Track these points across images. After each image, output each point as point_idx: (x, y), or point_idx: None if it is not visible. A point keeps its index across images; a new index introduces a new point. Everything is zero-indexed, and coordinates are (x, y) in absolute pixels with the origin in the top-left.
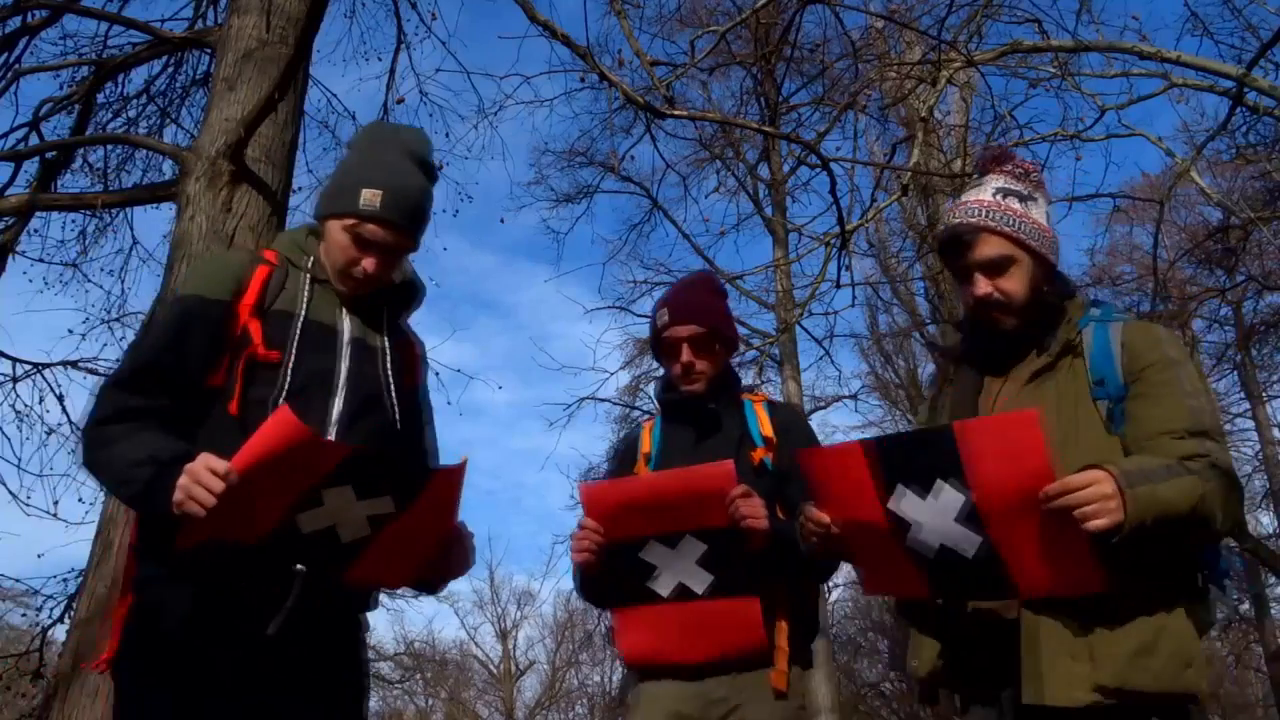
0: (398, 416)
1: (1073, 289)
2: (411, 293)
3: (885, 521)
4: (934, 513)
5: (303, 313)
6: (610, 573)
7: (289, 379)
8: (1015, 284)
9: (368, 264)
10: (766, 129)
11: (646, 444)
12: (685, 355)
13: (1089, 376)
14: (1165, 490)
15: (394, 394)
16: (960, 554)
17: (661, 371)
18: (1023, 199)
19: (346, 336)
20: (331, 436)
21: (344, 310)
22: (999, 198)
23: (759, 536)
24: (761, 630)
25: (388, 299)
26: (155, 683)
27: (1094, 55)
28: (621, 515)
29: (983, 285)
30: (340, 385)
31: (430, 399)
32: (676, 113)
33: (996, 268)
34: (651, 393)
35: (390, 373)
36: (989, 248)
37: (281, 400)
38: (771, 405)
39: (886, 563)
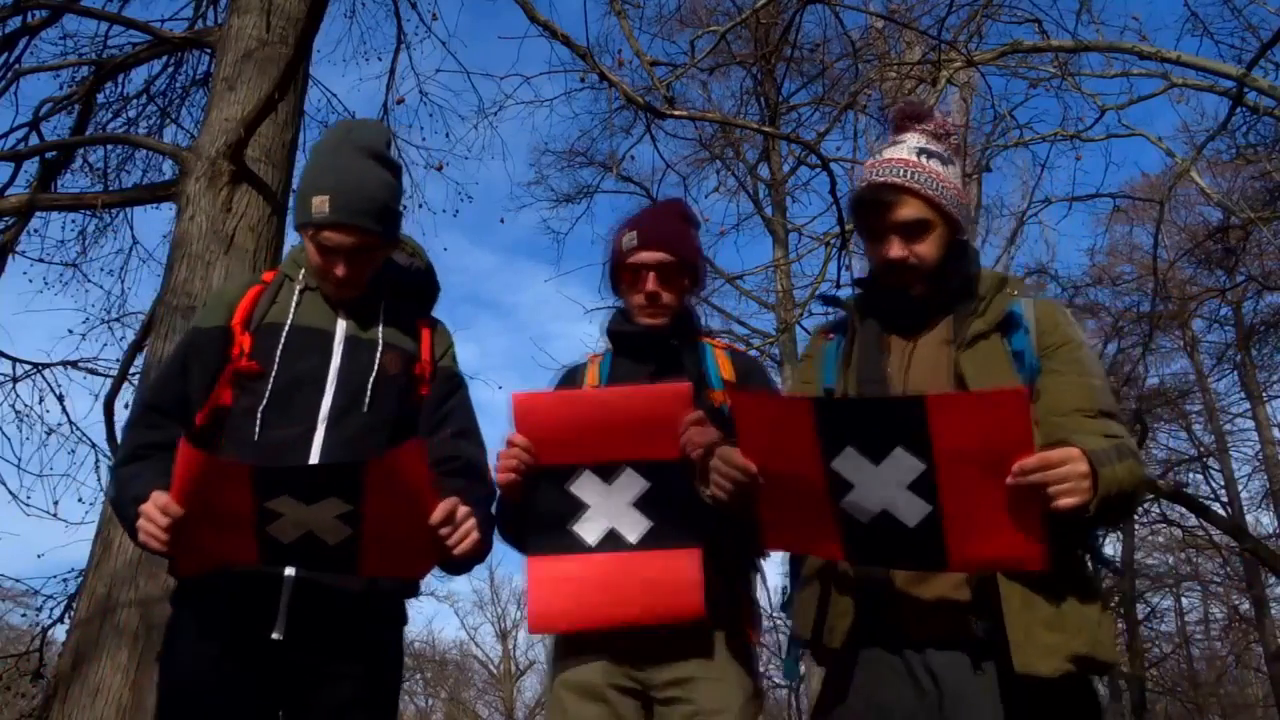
0: (366, 406)
1: (977, 258)
2: (413, 281)
3: (822, 480)
4: (882, 479)
5: (288, 321)
6: (532, 506)
7: (270, 385)
8: (930, 248)
9: (338, 270)
10: (766, 129)
11: (593, 377)
12: (651, 284)
13: (1006, 349)
14: (1120, 471)
15: (374, 385)
16: (900, 521)
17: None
18: (944, 161)
19: (340, 336)
20: (320, 432)
21: (341, 312)
22: (921, 159)
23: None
24: (700, 592)
25: (387, 294)
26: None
27: (1094, 55)
28: (557, 434)
29: (897, 248)
30: (330, 382)
31: (463, 378)
32: (676, 113)
33: (913, 231)
34: (601, 326)
35: (380, 364)
36: (908, 210)
37: (263, 406)
38: (732, 351)
39: (804, 521)
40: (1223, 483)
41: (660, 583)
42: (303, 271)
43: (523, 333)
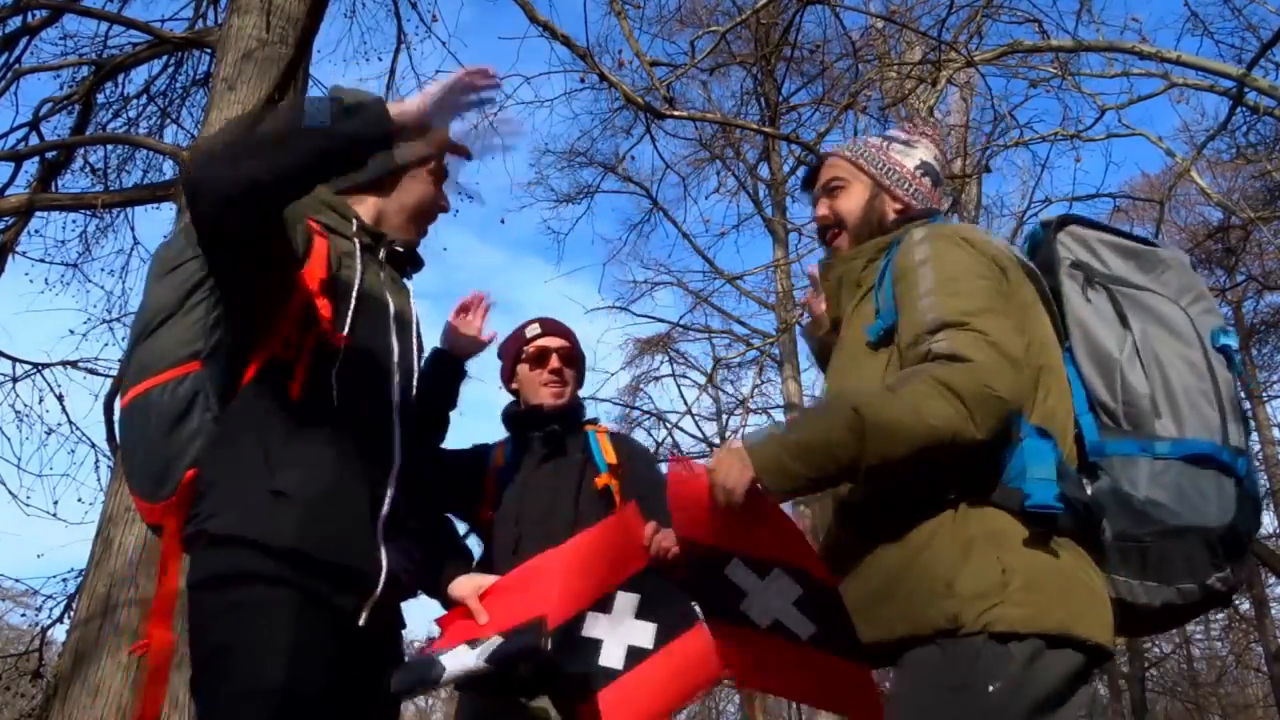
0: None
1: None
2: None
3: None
4: (769, 592)
5: (357, 285)
6: (566, 664)
7: (350, 363)
8: (846, 202)
9: (445, 202)
10: (766, 129)
11: (499, 458)
12: (554, 363)
13: (874, 308)
14: (799, 432)
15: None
16: (794, 633)
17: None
18: (902, 143)
19: (392, 310)
20: (396, 425)
21: (386, 279)
22: (870, 138)
23: (680, 564)
24: (717, 654)
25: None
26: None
27: (1094, 55)
28: (558, 599)
29: (821, 207)
30: (395, 367)
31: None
32: (676, 113)
33: (833, 190)
34: (502, 416)
35: (420, 346)
36: (829, 171)
37: (335, 370)
38: (613, 435)
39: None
40: None
41: (688, 664)
42: (355, 224)
43: None
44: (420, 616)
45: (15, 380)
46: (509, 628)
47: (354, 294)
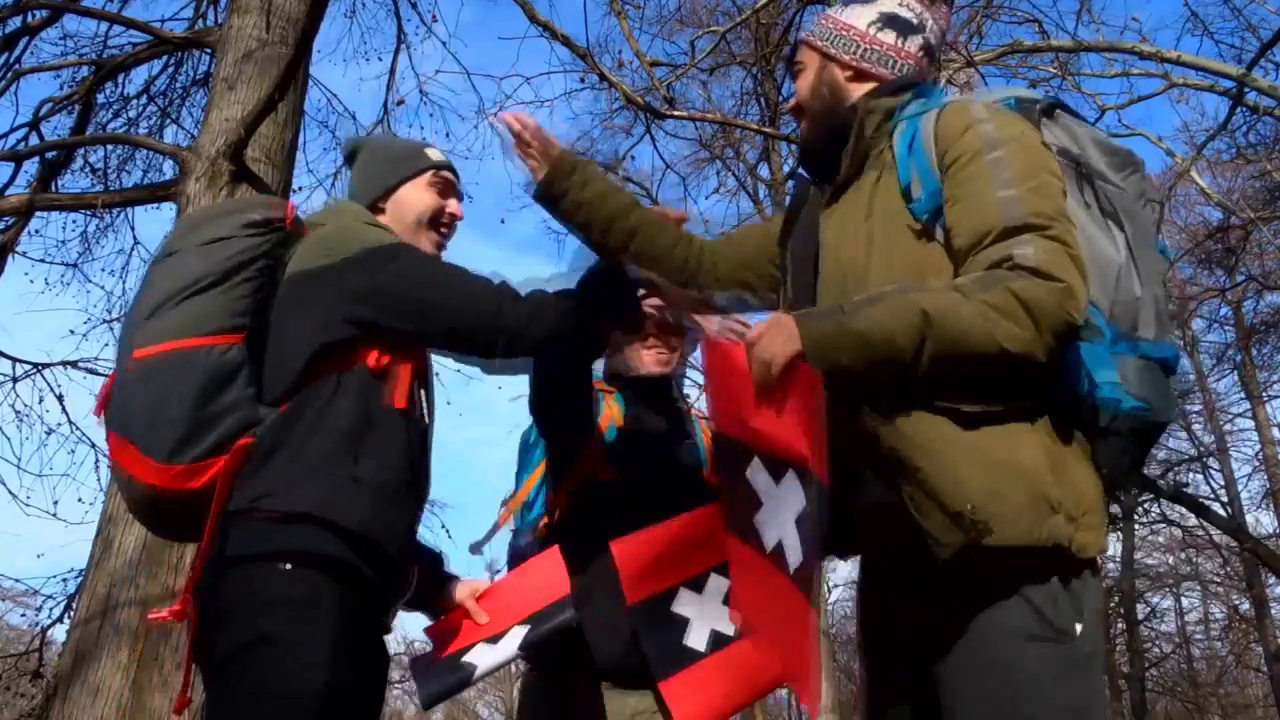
0: None
1: (895, 89)
2: None
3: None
4: (782, 502)
5: None
6: (648, 636)
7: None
8: (801, 83)
9: (454, 208)
10: (766, 129)
11: (611, 414)
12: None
13: (891, 187)
14: (857, 321)
15: None
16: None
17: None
18: (861, 1)
19: None
20: (430, 444)
21: None
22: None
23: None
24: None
25: None
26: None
27: (1094, 55)
28: (653, 566)
29: (795, 98)
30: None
31: None
32: (676, 113)
33: (796, 76)
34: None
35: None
36: (798, 57)
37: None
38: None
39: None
40: (1223, 483)
41: (761, 663)
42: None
43: None
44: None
45: (15, 380)
46: (527, 615)
47: None
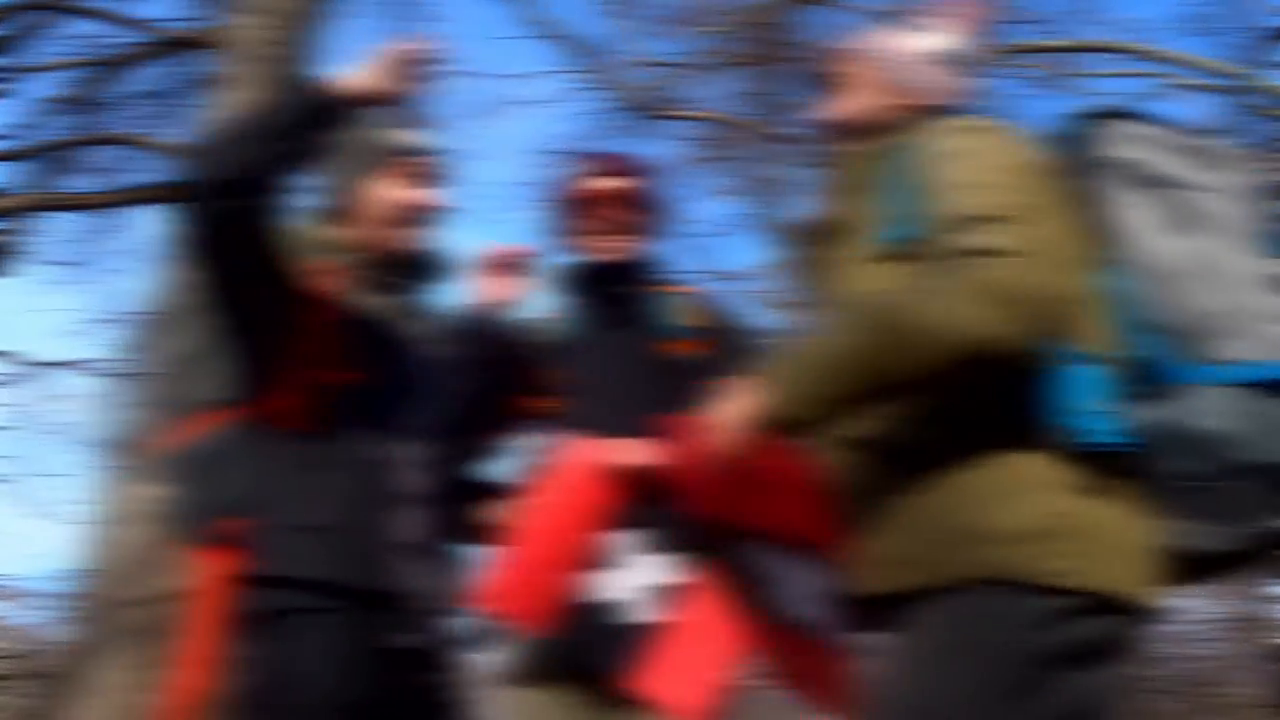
0: None
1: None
2: None
3: None
4: None
5: None
6: None
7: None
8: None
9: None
10: (766, 129)
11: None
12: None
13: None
14: (814, 348)
15: None
16: None
17: None
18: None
19: None
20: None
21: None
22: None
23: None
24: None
25: None
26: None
27: (1094, 55)
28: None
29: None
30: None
31: None
32: (676, 113)
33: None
34: None
35: None
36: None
37: None
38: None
39: None
40: None
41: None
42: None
43: None
44: None
45: (15, 380)
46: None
47: None
